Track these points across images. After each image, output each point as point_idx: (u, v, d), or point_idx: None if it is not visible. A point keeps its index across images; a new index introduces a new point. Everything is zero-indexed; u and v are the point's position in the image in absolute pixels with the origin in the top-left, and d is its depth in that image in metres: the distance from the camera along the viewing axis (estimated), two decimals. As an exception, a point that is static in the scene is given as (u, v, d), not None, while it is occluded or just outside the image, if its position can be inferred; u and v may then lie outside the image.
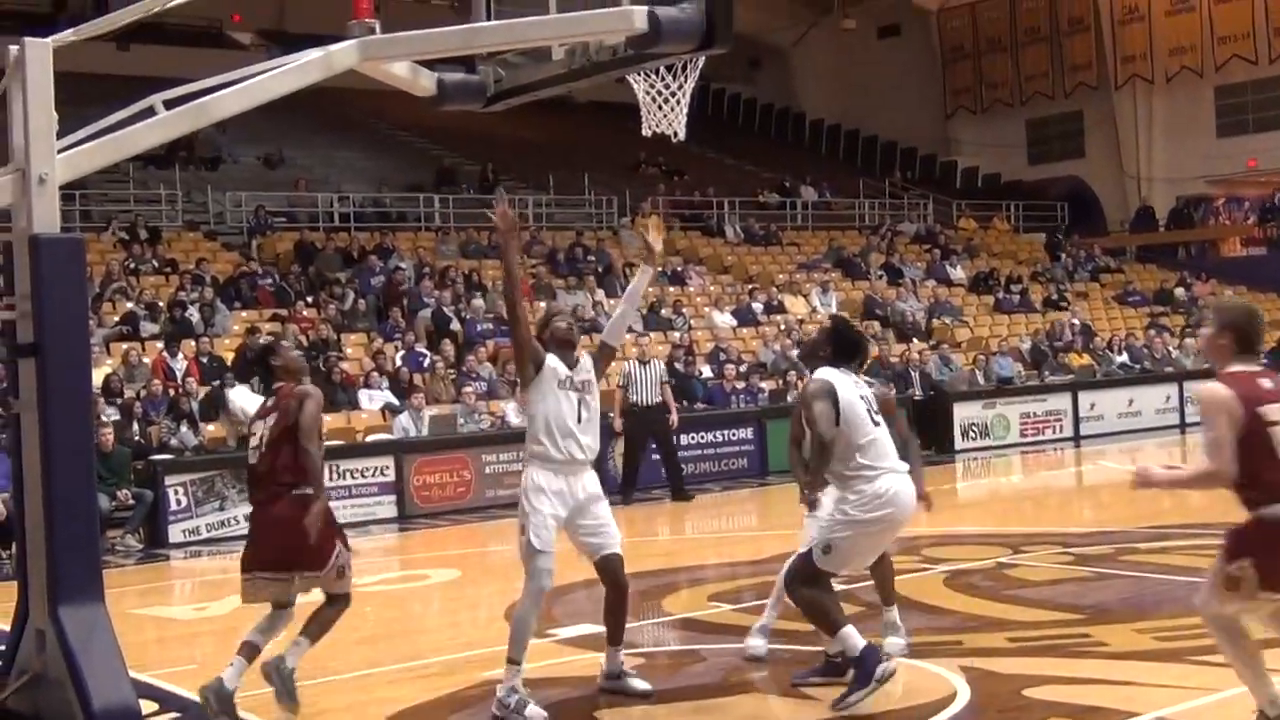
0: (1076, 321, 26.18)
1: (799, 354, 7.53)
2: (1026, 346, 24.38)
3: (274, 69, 7.05)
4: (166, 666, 8.55)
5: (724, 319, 23.41)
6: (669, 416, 16.82)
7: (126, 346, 17.96)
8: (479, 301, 21.40)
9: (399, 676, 8.04)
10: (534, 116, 25.12)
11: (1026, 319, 26.63)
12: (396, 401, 17.78)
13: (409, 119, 30.74)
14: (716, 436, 18.45)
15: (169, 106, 6.91)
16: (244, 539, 7.46)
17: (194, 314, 19.42)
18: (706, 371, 20.40)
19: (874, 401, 6.92)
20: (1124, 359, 24.67)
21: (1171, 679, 6.95)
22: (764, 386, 19.73)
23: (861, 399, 6.79)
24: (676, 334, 21.54)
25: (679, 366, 19.50)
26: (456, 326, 20.72)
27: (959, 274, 28.77)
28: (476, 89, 7.64)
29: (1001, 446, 21.19)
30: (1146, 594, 9.34)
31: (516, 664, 6.82)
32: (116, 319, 18.98)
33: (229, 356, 18.24)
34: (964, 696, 6.80)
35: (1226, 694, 6.65)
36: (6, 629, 7.17)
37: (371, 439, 16.90)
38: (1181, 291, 29.84)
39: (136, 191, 25.08)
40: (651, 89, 7.16)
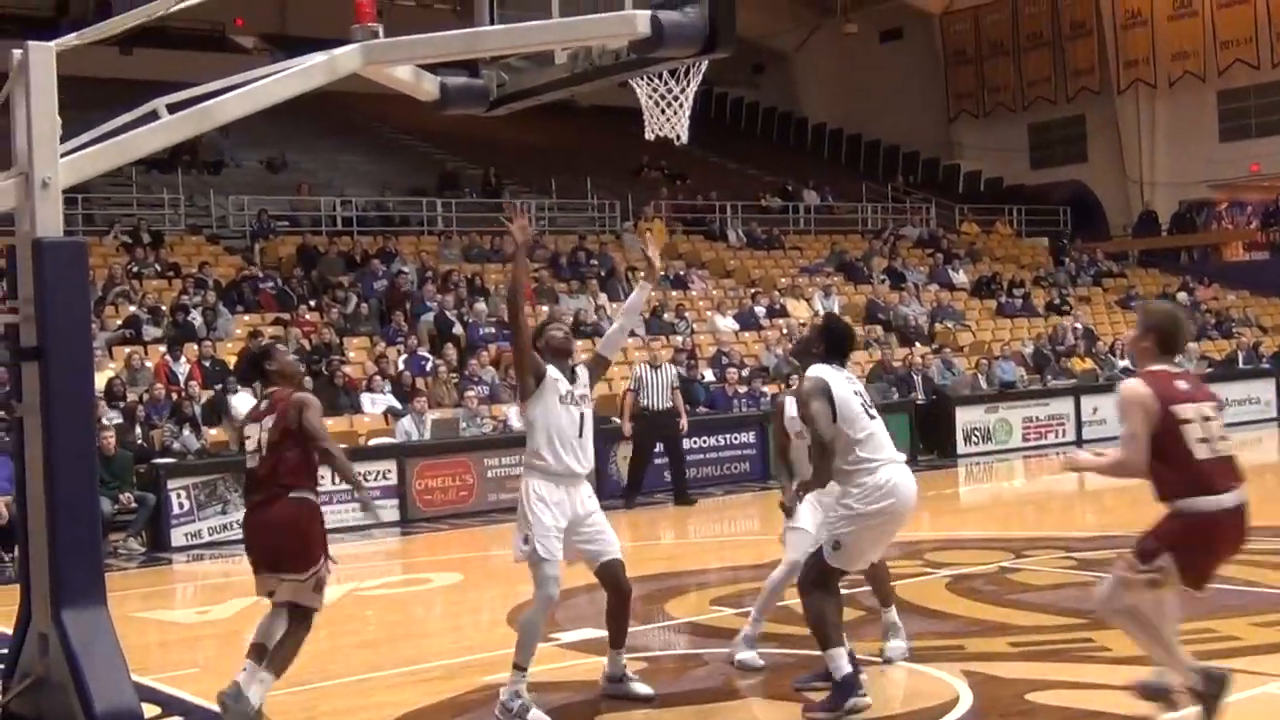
0: (1079, 326, 26.17)
1: (791, 352, 7.56)
2: (1029, 351, 24.37)
3: (277, 73, 7.06)
4: (169, 670, 8.56)
5: (726, 323, 23.41)
6: (679, 421, 16.82)
7: (129, 350, 17.98)
8: (481, 305, 21.40)
9: (400, 680, 8.04)
10: (537, 120, 25.15)
11: (1029, 323, 26.62)
12: (399, 405, 17.79)
13: (412, 123, 30.77)
14: (719, 440, 18.44)
15: (172, 110, 6.92)
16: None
17: (196, 318, 19.44)
18: (709, 375, 20.40)
19: (868, 395, 6.95)
20: (1126, 363, 24.61)
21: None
22: (766, 390, 19.70)
23: (856, 394, 6.82)
24: (679, 338, 21.54)
25: (681, 370, 19.48)
26: (459, 330, 20.72)
27: (961, 278, 28.77)
28: (479, 93, 7.65)
29: (1004, 451, 21.16)
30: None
31: (522, 670, 6.85)
32: (119, 323, 19.00)
33: (231, 360, 18.23)
34: (966, 701, 6.80)
35: (1231, 699, 6.64)
36: (9, 632, 7.18)
37: (374, 443, 16.90)
38: (1184, 296, 29.79)
39: (139, 195, 25.11)
40: (654, 93, 7.16)
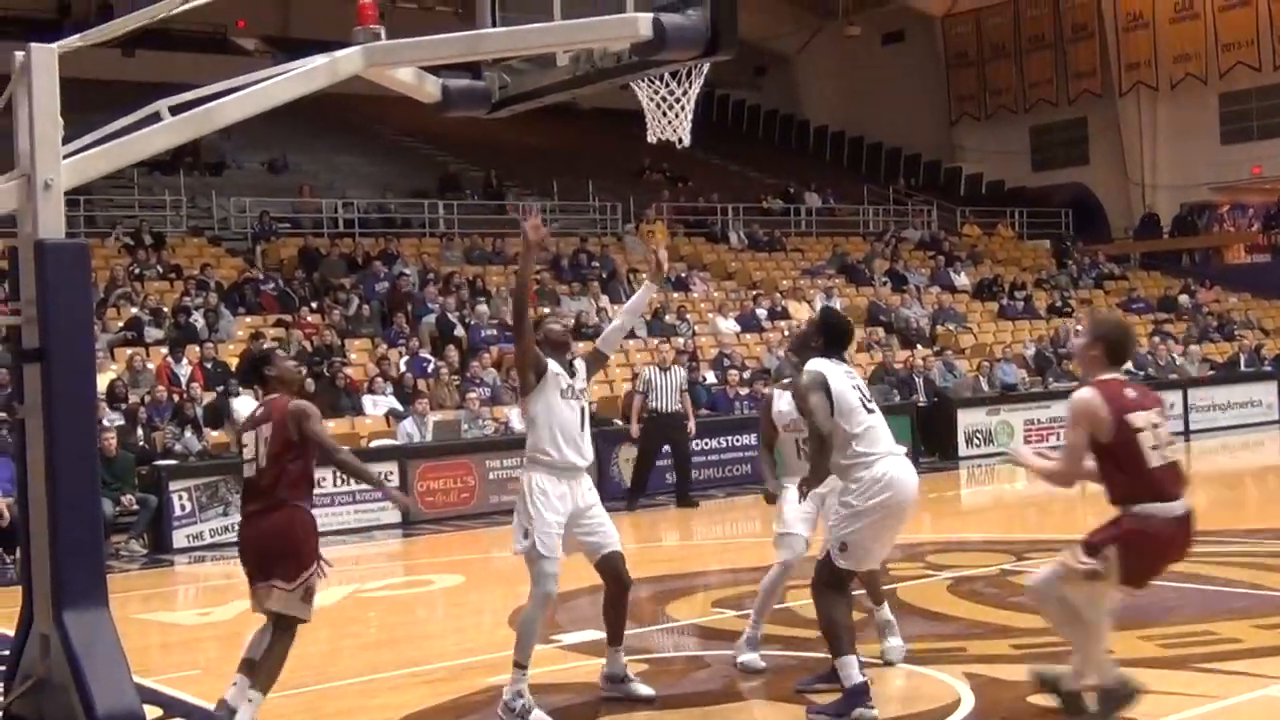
0: (1081, 328, 26.12)
1: (790, 346, 7.60)
2: (1030, 353, 24.35)
3: (279, 75, 7.05)
4: (170, 672, 8.56)
5: (728, 325, 23.41)
6: (687, 424, 16.83)
7: (131, 352, 17.98)
8: (483, 307, 21.39)
9: (402, 682, 8.03)
10: (539, 122, 25.14)
11: (1030, 325, 26.62)
12: (400, 407, 17.79)
13: (413, 125, 30.78)
14: (720, 443, 18.42)
15: (174, 112, 6.91)
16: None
17: (198, 319, 19.44)
18: (710, 378, 20.39)
19: (866, 389, 6.95)
20: (1128, 366, 24.58)
21: (1177, 686, 6.94)
22: (768, 392, 19.66)
23: (854, 388, 6.81)
24: (680, 340, 21.53)
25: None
26: (460, 332, 20.73)
27: (963, 280, 28.77)
28: (481, 95, 7.65)
29: (1005, 453, 21.11)
30: (1151, 601, 9.28)
31: (523, 668, 6.85)
32: (121, 324, 19.00)
33: (233, 362, 18.24)
34: (968, 703, 6.80)
35: (1232, 701, 6.66)
36: (11, 634, 7.18)
37: (375, 444, 16.89)
38: (1185, 299, 29.79)
39: (141, 197, 25.13)
40: (656, 95, 7.15)
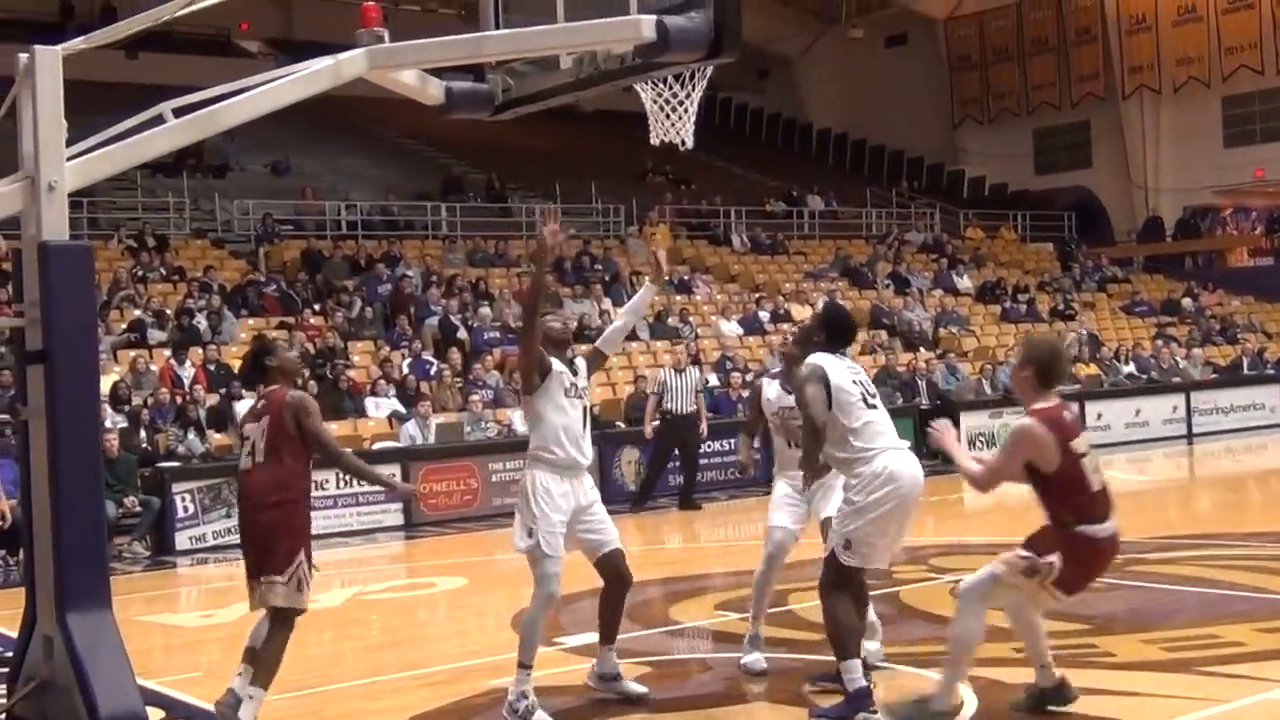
0: (1084, 331, 26.14)
1: (793, 340, 7.64)
2: (1033, 356, 24.32)
3: (283, 77, 7.05)
4: (173, 673, 8.57)
5: (730, 328, 23.41)
6: (700, 426, 16.86)
7: (134, 354, 18.00)
8: (486, 310, 21.41)
9: (405, 684, 8.03)
10: (541, 125, 25.10)
11: (1033, 328, 26.58)
12: (403, 409, 17.80)
13: (416, 127, 30.79)
14: (723, 445, 18.39)
15: (178, 115, 6.91)
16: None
17: (201, 321, 19.46)
18: (713, 380, 20.39)
19: (869, 384, 6.92)
20: (1131, 369, 24.63)
21: (1180, 690, 6.93)
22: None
23: (855, 383, 6.78)
24: (683, 342, 21.54)
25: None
26: (463, 335, 20.74)
27: (966, 283, 28.77)
28: (485, 97, 7.65)
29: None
30: (1154, 604, 9.33)
31: (527, 668, 6.86)
32: (124, 326, 19.02)
33: (236, 364, 18.23)
34: (971, 706, 6.79)
35: (1235, 705, 6.65)
36: (14, 635, 7.18)
37: (378, 447, 16.89)
38: (1189, 302, 29.79)
39: (144, 199, 25.17)
40: (659, 98, 7.15)
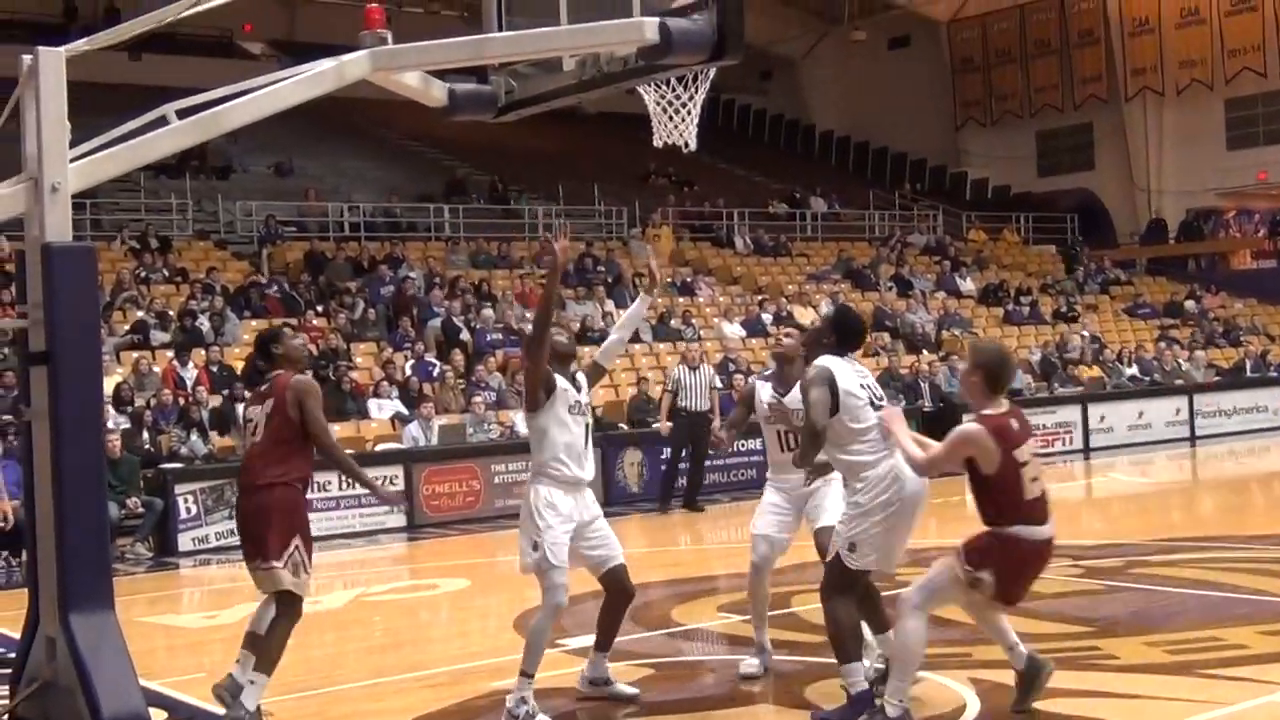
0: (1086, 333, 26.13)
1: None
2: (1036, 358, 24.33)
3: (286, 79, 7.06)
4: (175, 674, 8.58)
5: (733, 330, 23.39)
6: (714, 423, 16.82)
7: (137, 355, 18.00)
8: (488, 311, 21.41)
9: (407, 685, 8.04)
10: (544, 127, 25.16)
11: (1036, 331, 26.62)
12: (406, 411, 17.80)
13: (419, 129, 30.81)
14: (725, 447, 18.40)
15: (181, 116, 6.92)
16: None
17: (204, 323, 19.46)
18: (716, 382, 20.34)
19: (877, 387, 6.92)
20: (1134, 371, 24.61)
21: (1182, 692, 6.93)
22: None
23: (863, 386, 6.77)
24: (685, 344, 21.52)
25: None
26: (466, 336, 20.75)
27: (968, 285, 28.76)
28: (488, 99, 7.66)
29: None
30: (1156, 607, 9.32)
31: (529, 676, 6.89)
32: (127, 328, 19.03)
33: (239, 365, 18.26)
34: (974, 708, 6.80)
35: (1238, 707, 6.64)
36: (17, 636, 7.19)
37: (381, 448, 16.90)
38: (1192, 304, 29.76)
39: (147, 200, 25.19)
40: (662, 99, 7.15)
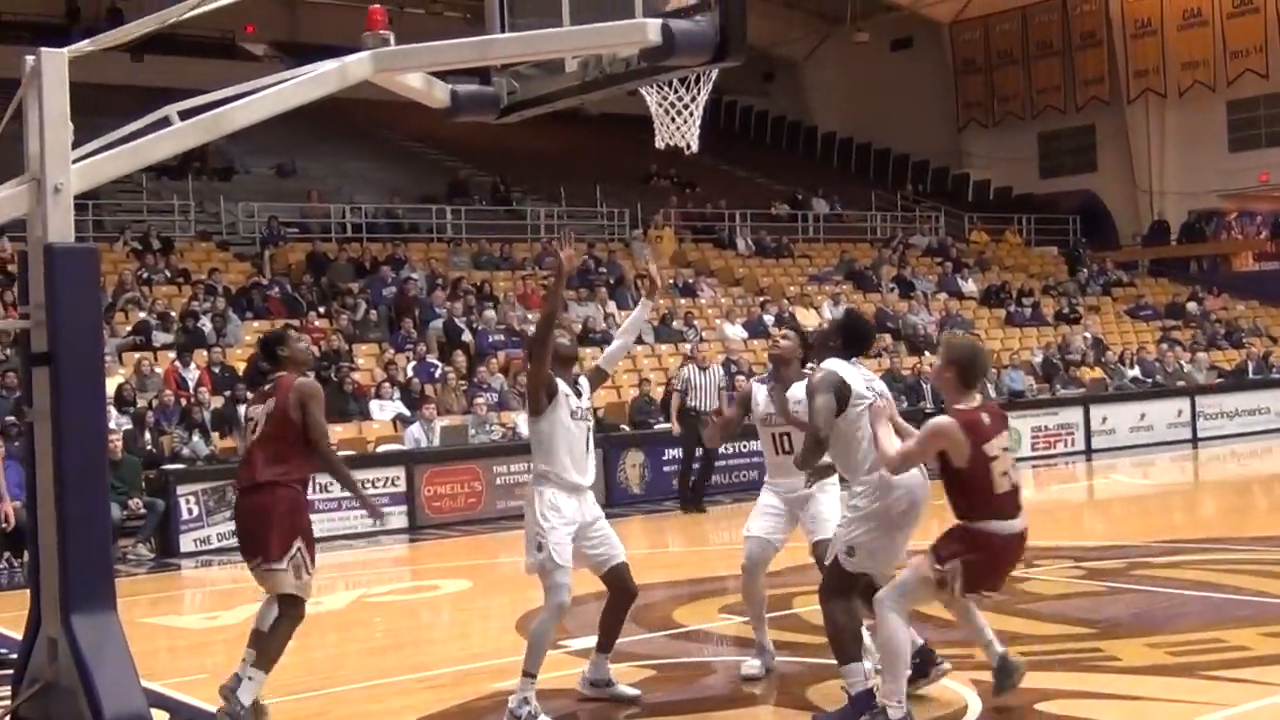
0: (1088, 335, 26.12)
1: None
2: (1038, 360, 24.34)
3: (288, 80, 7.06)
4: (177, 676, 8.58)
5: (735, 331, 23.39)
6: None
7: (139, 356, 18.00)
8: (490, 313, 21.42)
9: (409, 686, 8.04)
10: (546, 128, 25.14)
11: (1038, 332, 26.61)
12: (408, 412, 17.80)
13: (422, 130, 30.82)
14: (727, 448, 18.37)
15: (183, 117, 6.92)
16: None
17: (206, 324, 19.47)
18: (724, 382, 20.34)
19: (886, 393, 6.90)
20: (1136, 373, 24.61)
21: (1184, 694, 6.93)
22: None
23: (869, 389, 6.75)
24: (687, 346, 21.53)
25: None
26: (468, 338, 20.75)
27: (970, 287, 28.75)
28: (490, 100, 7.65)
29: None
30: (1159, 609, 9.32)
31: (531, 676, 6.91)
32: (129, 329, 19.03)
33: (241, 367, 18.27)
34: (975, 710, 6.79)
35: (1241, 709, 6.64)
36: (19, 637, 7.19)
37: (382, 449, 16.91)
38: (1194, 306, 29.76)
39: (150, 201, 25.19)
40: (664, 101, 7.15)
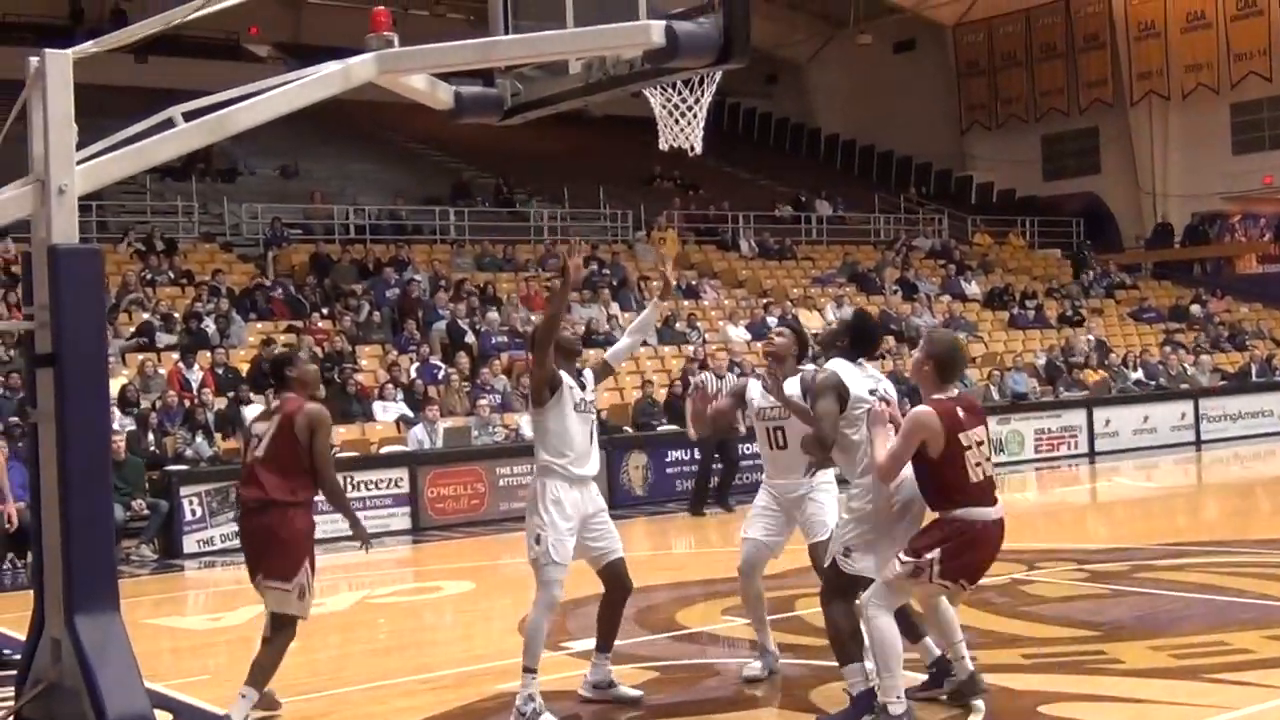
0: (1092, 337, 26.11)
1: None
2: (1041, 362, 24.33)
3: (292, 82, 7.06)
4: (180, 676, 8.59)
5: (738, 333, 23.39)
6: (739, 428, 16.85)
7: (142, 357, 18.02)
8: (494, 314, 21.42)
9: (412, 688, 8.04)
10: (550, 130, 25.15)
11: (1041, 334, 26.59)
12: (411, 413, 17.81)
13: (425, 132, 30.84)
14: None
15: (188, 118, 6.92)
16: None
17: (209, 325, 19.48)
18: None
19: (891, 393, 6.84)
20: (1139, 375, 24.60)
21: (1187, 697, 6.92)
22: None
23: (871, 393, 6.70)
24: (690, 347, 21.54)
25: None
26: (471, 339, 20.75)
27: (974, 289, 28.74)
28: (494, 102, 7.66)
29: (1016, 462, 21.12)
30: (1162, 611, 9.31)
31: (532, 672, 6.93)
32: (132, 330, 19.04)
33: (244, 368, 18.28)
34: (979, 713, 6.78)
35: (1244, 712, 6.64)
36: (23, 638, 7.19)
37: (386, 451, 16.92)
38: (1197, 308, 29.75)
39: (153, 203, 25.21)
40: (668, 103, 7.15)
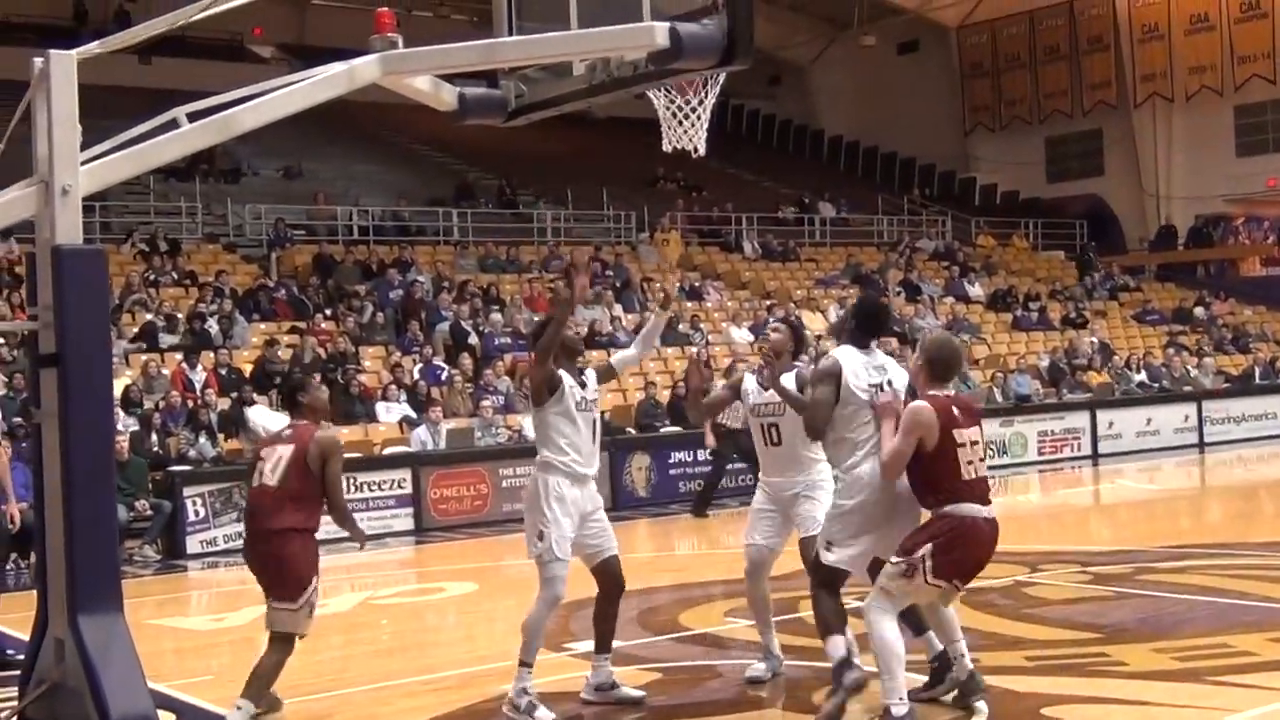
0: (1095, 340, 26.10)
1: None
2: (1044, 364, 24.32)
3: (296, 82, 7.07)
4: (183, 677, 8.60)
5: (741, 334, 23.39)
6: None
7: (146, 358, 18.04)
8: (497, 315, 21.43)
9: (416, 689, 8.06)
10: (553, 131, 25.14)
11: (1045, 337, 26.58)
12: (414, 414, 17.82)
13: (429, 133, 30.84)
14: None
15: (191, 119, 6.93)
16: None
17: (213, 326, 19.50)
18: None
19: (895, 383, 6.75)
20: (1142, 378, 24.58)
21: (1189, 699, 6.92)
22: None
23: (872, 385, 6.65)
24: (693, 349, 21.53)
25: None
26: (474, 340, 20.76)
27: (977, 291, 28.74)
28: (497, 103, 7.66)
29: (1019, 465, 21.11)
30: (1165, 614, 9.31)
31: (528, 666, 7.01)
32: (136, 330, 19.06)
33: (248, 368, 18.30)
34: (982, 714, 6.78)
35: (1246, 714, 6.63)
36: (26, 638, 7.20)
37: (389, 452, 16.92)
38: (1200, 311, 29.72)
39: (157, 203, 25.24)
40: (672, 104, 7.16)
